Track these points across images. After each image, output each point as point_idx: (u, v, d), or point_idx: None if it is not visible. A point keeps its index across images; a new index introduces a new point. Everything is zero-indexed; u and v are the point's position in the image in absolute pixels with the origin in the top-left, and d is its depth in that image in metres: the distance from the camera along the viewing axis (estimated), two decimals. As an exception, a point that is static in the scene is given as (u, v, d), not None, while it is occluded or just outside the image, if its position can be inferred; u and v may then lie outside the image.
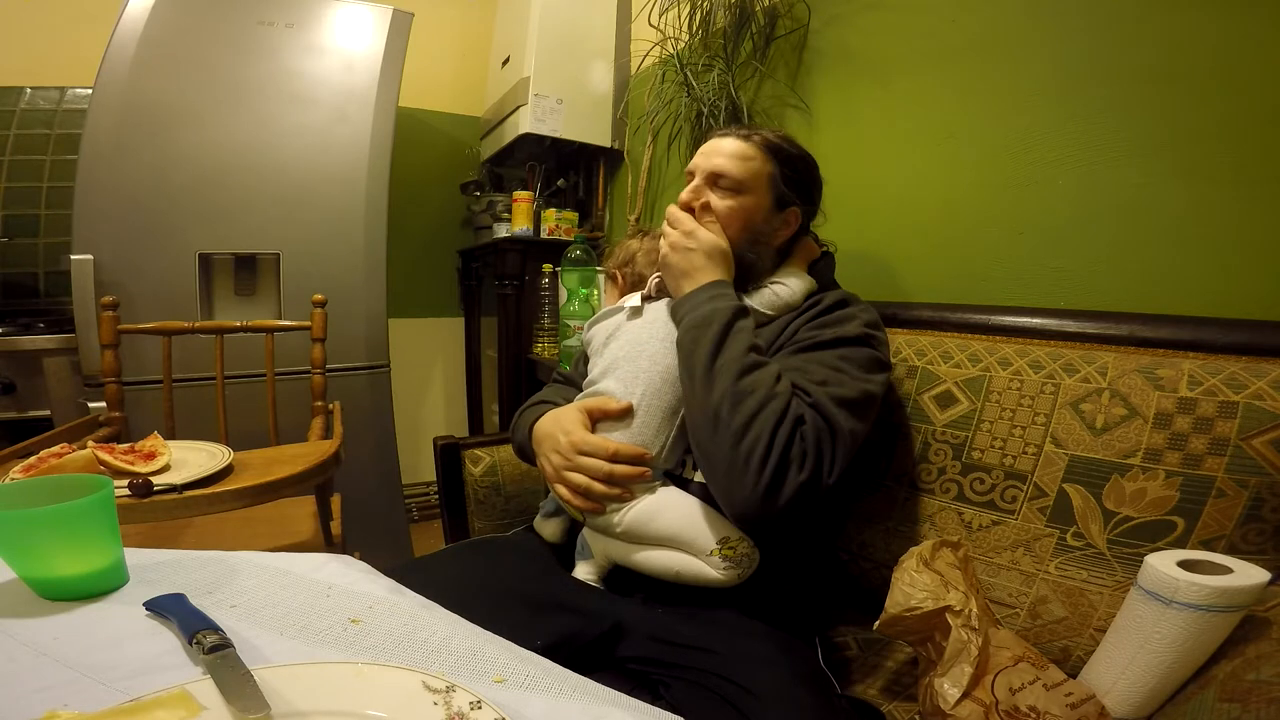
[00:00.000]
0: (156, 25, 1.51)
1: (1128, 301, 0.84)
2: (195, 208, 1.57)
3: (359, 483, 1.71)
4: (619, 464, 0.75)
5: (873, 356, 0.79)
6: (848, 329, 0.79)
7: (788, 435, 0.66)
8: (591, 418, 0.80)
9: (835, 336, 0.78)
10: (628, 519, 0.76)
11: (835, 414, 0.70)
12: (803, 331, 0.81)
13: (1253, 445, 0.63)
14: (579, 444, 0.77)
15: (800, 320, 0.83)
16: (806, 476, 0.66)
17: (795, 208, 0.88)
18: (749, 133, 0.87)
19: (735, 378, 0.69)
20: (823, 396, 0.70)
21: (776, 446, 0.65)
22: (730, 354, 0.71)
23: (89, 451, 0.82)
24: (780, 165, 0.86)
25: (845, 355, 0.77)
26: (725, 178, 0.84)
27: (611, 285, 1.04)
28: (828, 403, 0.70)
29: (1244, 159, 0.74)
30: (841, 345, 0.78)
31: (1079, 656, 0.69)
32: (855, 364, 0.76)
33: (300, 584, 0.51)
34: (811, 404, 0.70)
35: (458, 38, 2.37)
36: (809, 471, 0.66)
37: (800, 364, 0.75)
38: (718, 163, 0.84)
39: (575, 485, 0.77)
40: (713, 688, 0.63)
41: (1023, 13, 0.96)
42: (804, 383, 0.72)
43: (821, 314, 0.82)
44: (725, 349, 0.72)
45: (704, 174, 0.85)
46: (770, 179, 0.85)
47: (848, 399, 0.72)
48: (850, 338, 0.79)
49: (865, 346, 0.79)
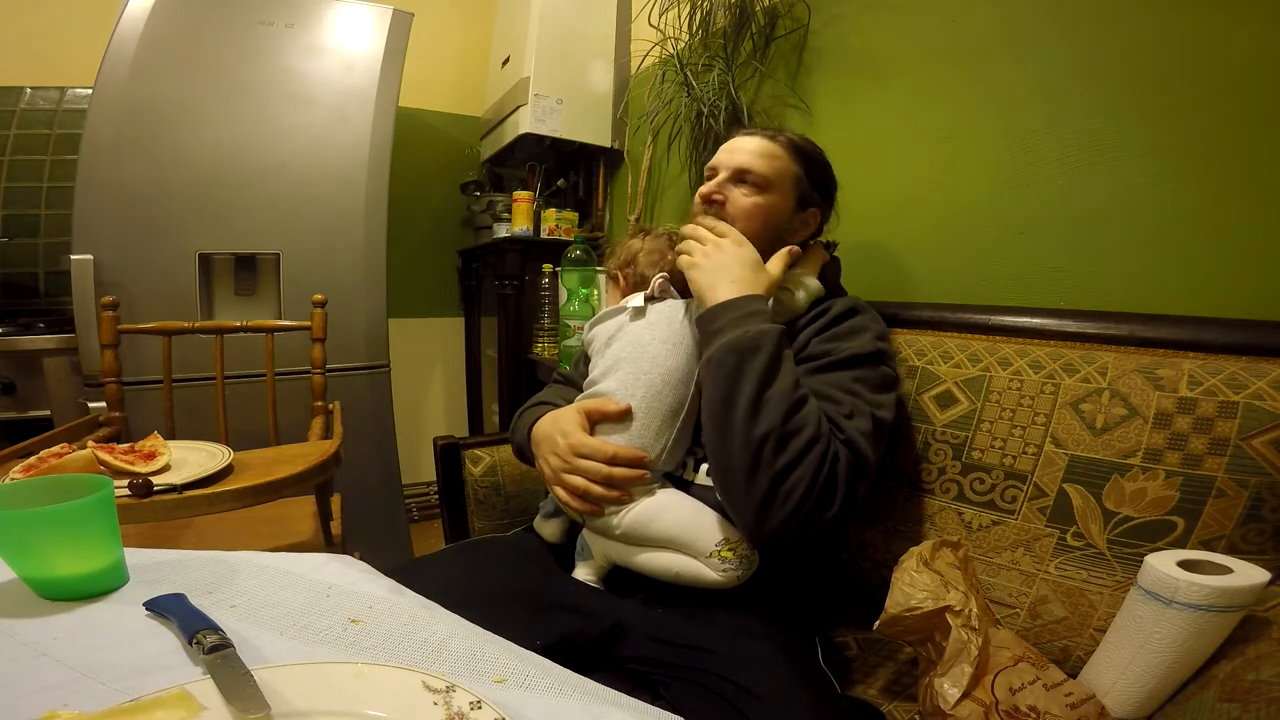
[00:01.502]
0: (156, 25, 1.51)
1: (1128, 301, 0.85)
2: (195, 207, 1.57)
3: (359, 483, 1.71)
4: (618, 467, 0.75)
5: (887, 376, 0.79)
6: (862, 344, 0.78)
7: (828, 475, 0.67)
8: (590, 419, 0.79)
9: (851, 355, 0.77)
10: (627, 521, 0.75)
11: (866, 451, 0.70)
12: (814, 344, 0.80)
13: (1253, 445, 0.63)
14: (577, 446, 0.76)
15: (810, 330, 0.82)
16: (836, 511, 0.67)
17: (815, 209, 0.89)
18: (774, 132, 0.87)
19: (785, 416, 0.67)
20: (854, 433, 0.71)
21: (817, 487, 0.66)
22: (780, 388, 0.69)
23: (89, 451, 0.82)
24: (804, 166, 0.87)
25: (860, 377, 0.76)
26: (751, 174, 0.84)
27: (613, 286, 1.03)
28: (859, 439, 0.70)
29: (1244, 159, 0.74)
30: (857, 365, 0.77)
31: (1079, 656, 0.69)
32: (870, 385, 0.76)
33: (300, 584, 0.51)
34: (845, 440, 0.70)
35: (458, 38, 2.37)
36: (839, 506, 0.67)
37: (821, 387, 0.75)
38: (743, 159, 0.84)
39: (574, 487, 0.76)
40: (713, 688, 0.63)
41: (1022, 13, 0.96)
42: (835, 416, 0.72)
43: (831, 324, 0.82)
44: (776, 381, 0.69)
45: (729, 170, 0.85)
46: (795, 179, 0.86)
47: (871, 432, 0.72)
48: (864, 355, 0.78)
49: (880, 365, 0.79)
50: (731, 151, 0.86)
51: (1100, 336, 0.78)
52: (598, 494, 0.75)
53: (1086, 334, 0.79)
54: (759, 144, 0.85)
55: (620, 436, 0.78)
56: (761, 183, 0.84)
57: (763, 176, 0.84)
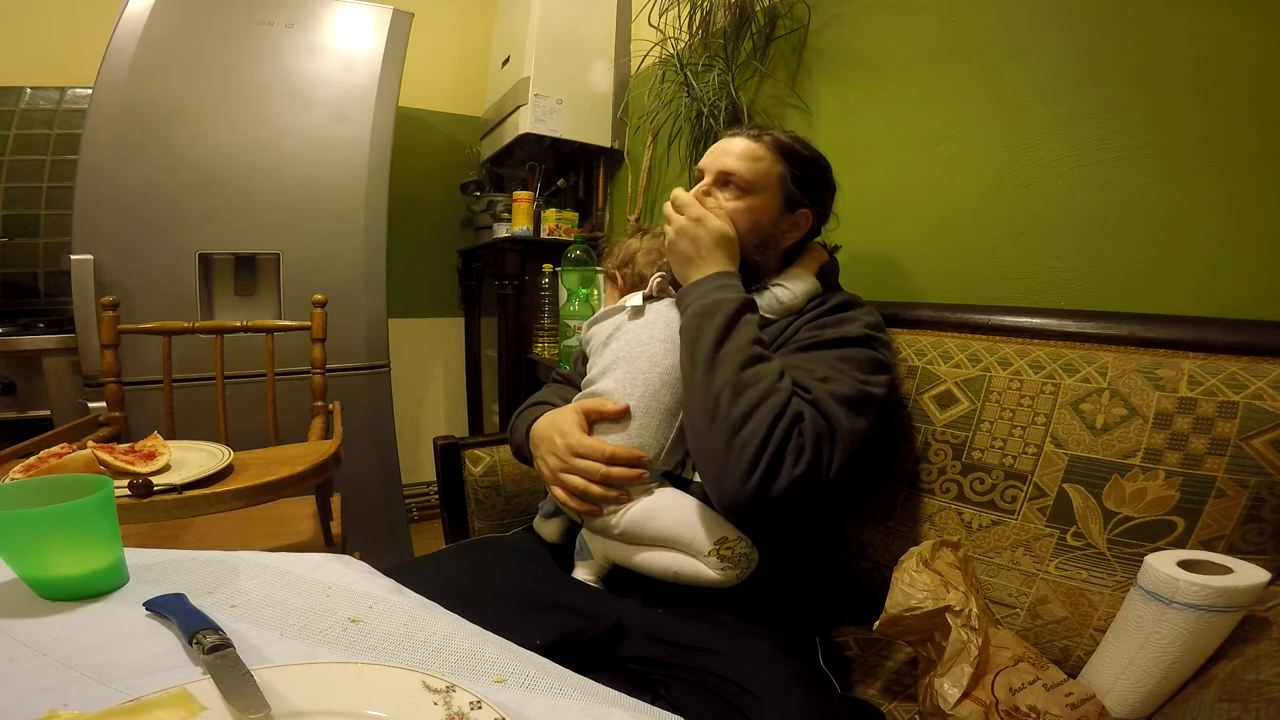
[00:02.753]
0: (156, 25, 1.51)
1: (1127, 301, 0.85)
2: (195, 208, 1.56)
3: (359, 483, 1.71)
4: (616, 466, 0.75)
5: (873, 358, 0.79)
6: (849, 329, 0.79)
7: (785, 429, 0.66)
8: (588, 419, 0.79)
9: (836, 337, 0.78)
10: (625, 520, 0.76)
11: (835, 411, 0.70)
12: (804, 331, 0.81)
13: (1253, 445, 0.63)
14: (575, 446, 0.77)
15: (802, 320, 0.83)
16: (802, 471, 0.66)
17: (806, 210, 0.87)
18: (759, 132, 0.86)
19: (739, 368, 0.69)
20: (822, 393, 0.70)
21: (774, 439, 0.65)
22: (735, 344, 0.71)
23: (89, 451, 0.82)
24: (791, 166, 0.85)
25: (845, 355, 0.77)
26: (735, 177, 0.83)
27: (611, 286, 1.03)
28: (827, 399, 0.70)
29: (1244, 159, 0.74)
30: (842, 345, 0.78)
31: (1079, 656, 0.69)
32: (854, 364, 0.76)
33: (300, 584, 0.51)
34: (811, 400, 0.70)
35: (458, 38, 2.37)
36: (805, 467, 0.66)
37: (800, 362, 0.75)
38: (726, 162, 0.84)
39: (572, 487, 0.76)
40: (713, 688, 0.63)
41: (1022, 13, 0.96)
42: (804, 379, 0.72)
43: (824, 314, 0.82)
44: (731, 338, 0.72)
45: (713, 174, 0.85)
46: (780, 179, 0.85)
47: (847, 396, 0.72)
48: (851, 338, 0.79)
49: (865, 347, 0.79)
50: (716, 155, 0.86)
51: (1100, 336, 0.78)
52: (596, 494, 0.75)
53: (1086, 334, 0.79)
54: (743, 146, 0.85)
55: (619, 436, 0.78)
56: (745, 186, 0.83)
57: (746, 180, 0.83)
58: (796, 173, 0.85)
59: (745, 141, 0.85)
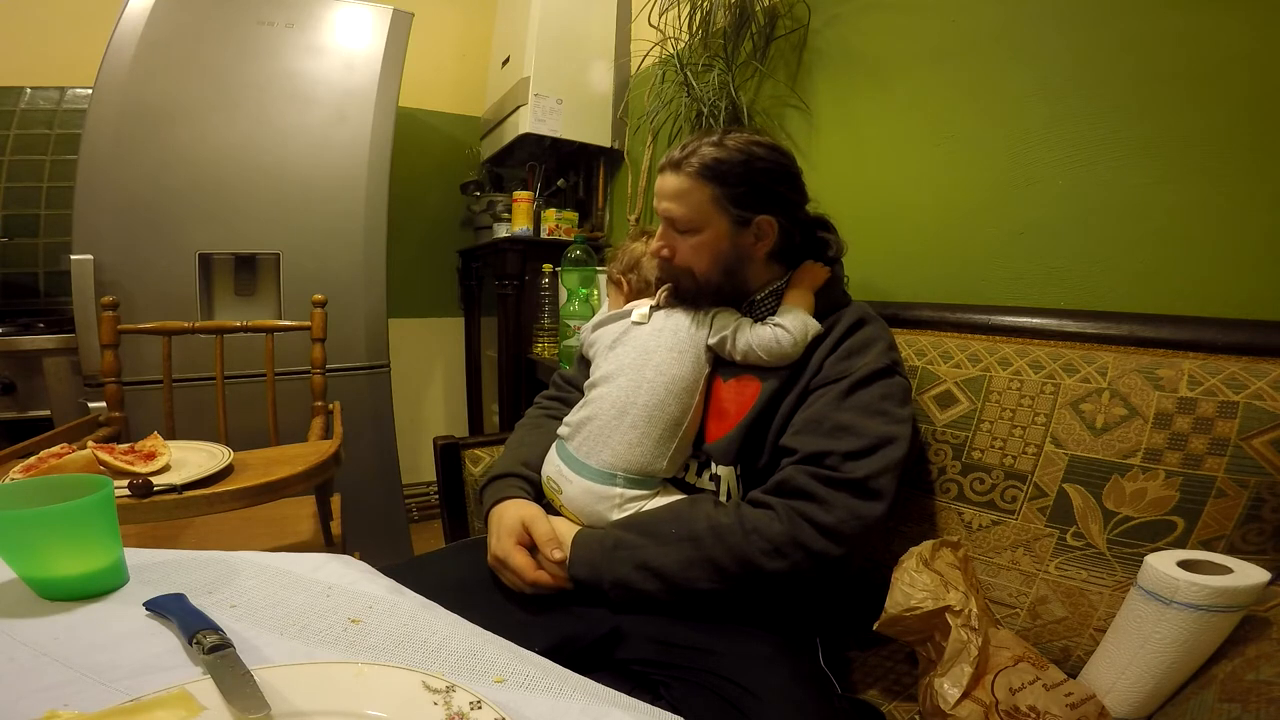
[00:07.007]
0: (156, 25, 1.51)
1: (1126, 301, 0.85)
2: (195, 208, 1.57)
3: (359, 483, 1.71)
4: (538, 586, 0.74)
5: (905, 388, 0.78)
6: (876, 358, 0.77)
7: (805, 558, 0.70)
8: (530, 538, 0.77)
9: (869, 372, 0.76)
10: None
11: (841, 506, 0.70)
12: (829, 366, 0.78)
13: (1253, 445, 0.63)
14: (504, 560, 0.76)
15: (822, 349, 0.80)
16: (845, 552, 0.70)
17: (763, 217, 0.81)
18: (681, 158, 0.80)
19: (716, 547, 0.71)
20: (835, 493, 0.70)
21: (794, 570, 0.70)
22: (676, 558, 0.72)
23: (89, 451, 0.82)
24: (723, 186, 0.79)
25: (887, 394, 0.75)
26: (676, 221, 0.82)
27: (615, 291, 1.02)
28: (834, 499, 0.70)
29: (1244, 159, 0.74)
30: (876, 379, 0.76)
31: (1079, 656, 0.69)
32: (897, 401, 0.75)
33: (300, 584, 0.51)
34: (817, 504, 0.71)
35: (458, 38, 2.37)
36: (844, 548, 0.69)
37: (847, 419, 0.73)
38: (664, 207, 0.82)
39: (507, 580, 0.77)
40: (713, 688, 0.63)
41: (1022, 13, 0.96)
42: (833, 459, 0.71)
43: (842, 339, 0.80)
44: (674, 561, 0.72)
45: (662, 220, 0.84)
46: (716, 203, 0.80)
47: (888, 467, 0.71)
48: (881, 370, 0.76)
49: (896, 375, 0.78)
50: (658, 197, 0.83)
51: (1100, 336, 0.78)
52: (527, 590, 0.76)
53: (1086, 334, 0.79)
54: (673, 185, 0.81)
55: (621, 447, 0.77)
56: (687, 225, 0.81)
57: (685, 220, 0.81)
58: (733, 190, 0.79)
59: (673, 178, 0.81)
